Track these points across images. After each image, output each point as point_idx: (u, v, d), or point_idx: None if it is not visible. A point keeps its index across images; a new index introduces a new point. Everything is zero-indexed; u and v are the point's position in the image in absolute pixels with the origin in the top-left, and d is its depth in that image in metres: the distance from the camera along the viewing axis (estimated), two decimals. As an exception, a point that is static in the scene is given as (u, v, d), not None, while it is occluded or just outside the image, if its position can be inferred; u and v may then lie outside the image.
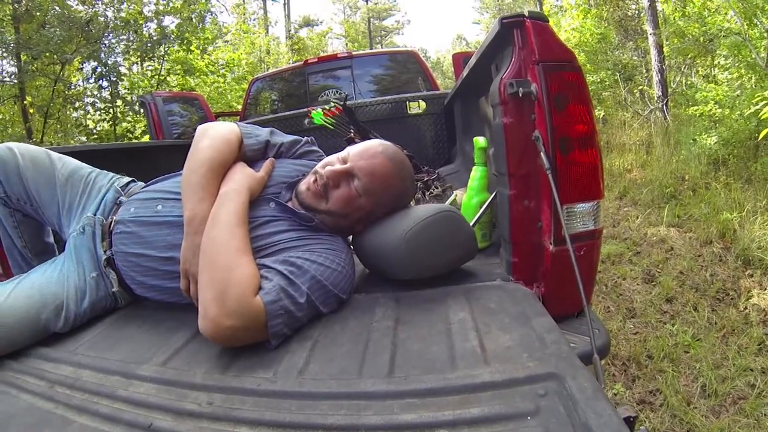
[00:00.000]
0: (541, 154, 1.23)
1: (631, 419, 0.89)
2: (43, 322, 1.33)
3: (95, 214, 1.56)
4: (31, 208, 1.61)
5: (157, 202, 1.46)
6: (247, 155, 1.51)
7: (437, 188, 2.43)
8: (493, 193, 1.67)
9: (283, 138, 1.62)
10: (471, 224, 1.59)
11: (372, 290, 1.46)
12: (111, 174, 1.72)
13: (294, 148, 1.62)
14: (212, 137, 1.42)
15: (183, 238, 1.30)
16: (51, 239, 1.81)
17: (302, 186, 1.43)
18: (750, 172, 5.34)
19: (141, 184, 1.71)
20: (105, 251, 1.50)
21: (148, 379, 1.05)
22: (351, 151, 1.44)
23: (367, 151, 1.43)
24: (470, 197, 1.78)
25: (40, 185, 1.58)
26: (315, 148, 1.68)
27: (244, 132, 1.51)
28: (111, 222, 1.51)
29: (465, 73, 2.10)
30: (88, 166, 1.72)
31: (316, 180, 1.40)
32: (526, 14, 1.28)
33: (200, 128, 1.48)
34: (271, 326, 1.12)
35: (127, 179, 1.72)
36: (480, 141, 1.78)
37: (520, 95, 1.27)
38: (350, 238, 1.56)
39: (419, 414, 0.81)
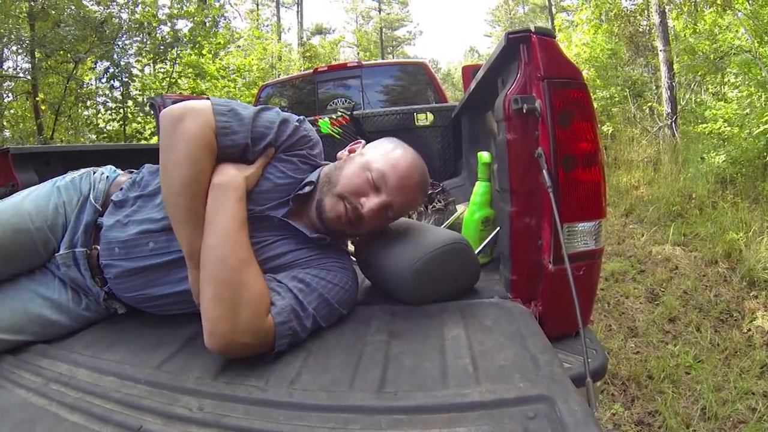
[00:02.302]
0: (544, 171, 1.23)
1: (621, 445, 0.88)
2: (27, 335, 1.30)
3: (72, 249, 1.38)
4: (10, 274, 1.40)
5: (145, 238, 1.31)
6: (220, 156, 1.28)
7: (440, 202, 2.42)
8: (497, 229, 1.68)
9: (268, 133, 1.32)
10: (476, 251, 1.59)
11: (369, 302, 1.46)
12: (79, 181, 1.49)
13: (279, 141, 1.35)
14: (188, 141, 1.19)
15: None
16: None
17: (330, 213, 1.30)
18: (758, 191, 5.33)
19: (120, 177, 1.53)
20: (101, 287, 1.39)
21: (141, 381, 1.05)
22: (387, 176, 1.31)
23: (407, 185, 1.34)
24: (472, 212, 1.77)
25: (15, 262, 1.38)
26: (303, 131, 1.39)
27: (220, 126, 1.24)
28: (97, 254, 1.37)
29: (472, 86, 2.10)
30: (48, 186, 1.47)
31: (347, 211, 1.29)
32: (533, 29, 1.27)
33: (167, 122, 1.22)
34: (278, 345, 1.11)
35: (102, 182, 1.50)
36: (484, 156, 1.78)
37: (525, 111, 1.26)
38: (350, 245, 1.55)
39: (406, 431, 0.81)
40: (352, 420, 0.85)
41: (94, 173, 1.53)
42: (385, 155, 1.37)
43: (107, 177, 1.52)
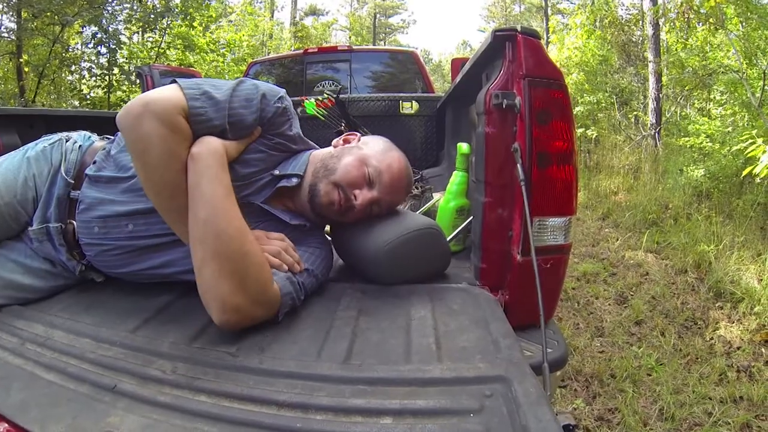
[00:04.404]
0: (518, 165, 1.27)
1: (571, 427, 0.93)
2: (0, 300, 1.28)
3: (46, 223, 1.35)
4: None
5: (124, 220, 1.28)
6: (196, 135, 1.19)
7: (417, 189, 2.47)
8: (470, 218, 1.72)
9: (248, 116, 1.26)
10: (448, 239, 1.63)
11: (341, 279, 1.50)
12: (50, 151, 1.42)
13: (262, 120, 1.30)
14: (159, 140, 1.11)
15: (177, 251, 1.26)
16: None
17: (324, 199, 1.33)
18: (732, 207, 5.44)
19: (95, 144, 1.47)
20: (78, 261, 1.37)
21: (117, 343, 1.06)
22: (382, 174, 1.37)
23: (397, 185, 1.41)
24: (447, 201, 1.81)
25: None
26: (282, 110, 1.33)
27: (193, 113, 1.16)
28: (72, 229, 1.34)
29: (458, 79, 2.13)
30: (18, 157, 1.40)
31: (340, 199, 1.33)
32: (519, 29, 1.30)
33: (127, 125, 1.13)
34: (280, 314, 1.15)
35: (74, 152, 1.43)
36: (463, 147, 1.81)
37: (504, 107, 1.29)
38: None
39: (368, 400, 0.84)
40: (318, 388, 0.89)
41: (67, 141, 1.46)
42: (382, 154, 1.41)
43: (80, 146, 1.45)
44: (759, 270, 3.96)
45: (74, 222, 1.33)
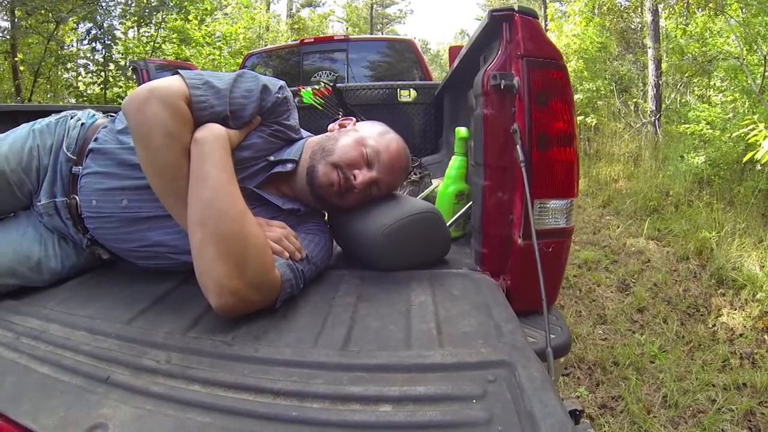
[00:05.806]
0: (517, 146, 1.24)
1: (577, 412, 0.90)
2: (18, 278, 1.30)
3: (53, 198, 1.39)
4: None
5: (119, 195, 1.30)
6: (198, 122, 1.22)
7: (415, 175, 2.46)
8: (470, 203, 1.70)
9: (248, 105, 1.29)
10: (448, 224, 1.61)
11: (339, 266, 1.48)
12: (54, 126, 1.47)
13: (261, 110, 1.33)
14: (162, 123, 1.13)
15: (169, 231, 1.28)
16: None
17: (323, 179, 1.32)
18: (733, 194, 5.42)
19: (98, 121, 1.49)
20: (84, 235, 1.40)
21: (111, 335, 1.05)
22: (380, 154, 1.37)
23: (395, 165, 1.41)
24: (447, 185, 1.79)
25: None
26: (282, 99, 1.36)
27: (195, 101, 1.19)
28: (76, 203, 1.37)
29: (455, 64, 2.11)
30: (25, 129, 1.45)
31: (339, 180, 1.32)
32: (516, 8, 1.28)
33: (132, 108, 1.15)
34: (278, 301, 1.14)
35: (76, 129, 1.45)
36: (461, 131, 1.79)
37: (502, 87, 1.27)
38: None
39: (366, 387, 0.83)
40: (314, 375, 0.87)
41: (71, 118, 1.50)
42: (379, 135, 1.42)
43: (82, 123, 1.47)
44: (761, 257, 3.96)
45: (77, 197, 1.37)
